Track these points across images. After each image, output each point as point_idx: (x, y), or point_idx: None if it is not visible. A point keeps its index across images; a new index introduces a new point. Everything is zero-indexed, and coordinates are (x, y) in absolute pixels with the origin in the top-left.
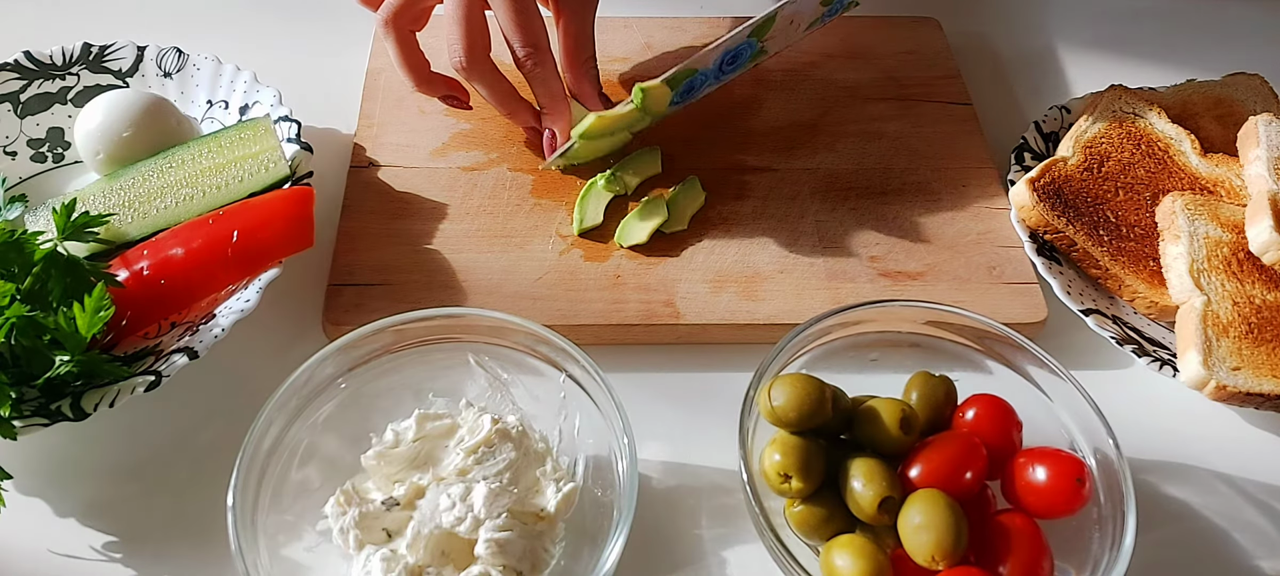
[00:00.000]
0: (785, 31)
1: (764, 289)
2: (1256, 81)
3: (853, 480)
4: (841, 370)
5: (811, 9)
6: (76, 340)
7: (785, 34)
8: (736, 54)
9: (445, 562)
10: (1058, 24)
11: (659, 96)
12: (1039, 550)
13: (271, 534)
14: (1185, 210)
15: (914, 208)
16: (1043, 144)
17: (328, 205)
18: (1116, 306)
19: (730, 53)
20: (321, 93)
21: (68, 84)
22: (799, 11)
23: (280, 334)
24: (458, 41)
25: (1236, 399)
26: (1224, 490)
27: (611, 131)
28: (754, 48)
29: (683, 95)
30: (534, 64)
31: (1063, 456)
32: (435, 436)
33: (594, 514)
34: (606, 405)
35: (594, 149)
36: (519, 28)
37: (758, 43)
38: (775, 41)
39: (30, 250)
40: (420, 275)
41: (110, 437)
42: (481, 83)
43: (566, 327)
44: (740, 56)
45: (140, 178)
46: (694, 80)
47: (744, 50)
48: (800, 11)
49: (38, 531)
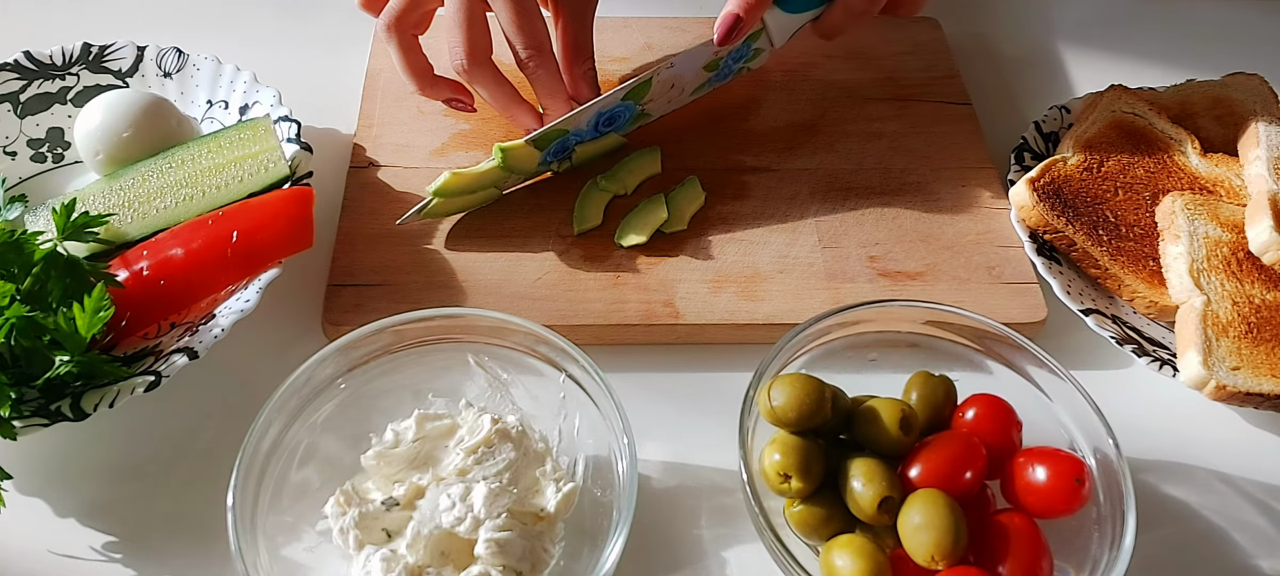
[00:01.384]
0: (666, 94)
1: (764, 289)
2: (1256, 81)
3: (852, 480)
4: (841, 370)
5: (693, 74)
6: (76, 340)
7: (668, 98)
8: (613, 115)
9: (445, 562)
10: (1058, 24)
11: (523, 156)
12: (1039, 550)
13: (271, 534)
14: (1185, 210)
15: (914, 208)
16: (1043, 144)
17: (328, 205)
18: (1116, 306)
19: (605, 114)
20: (321, 93)
21: (68, 84)
22: (679, 76)
23: (280, 334)
24: (459, 43)
25: (1236, 399)
26: (1224, 490)
27: (471, 189)
28: (633, 110)
29: (554, 154)
30: (536, 65)
31: (1062, 456)
32: (435, 436)
33: (594, 514)
34: (606, 405)
35: (455, 205)
36: (521, 29)
37: (636, 106)
38: (656, 105)
39: (30, 250)
40: (420, 275)
41: (110, 437)
42: (483, 84)
43: (566, 327)
44: (619, 118)
45: (140, 178)
46: (566, 139)
47: (622, 112)
48: (681, 76)
49: (38, 531)
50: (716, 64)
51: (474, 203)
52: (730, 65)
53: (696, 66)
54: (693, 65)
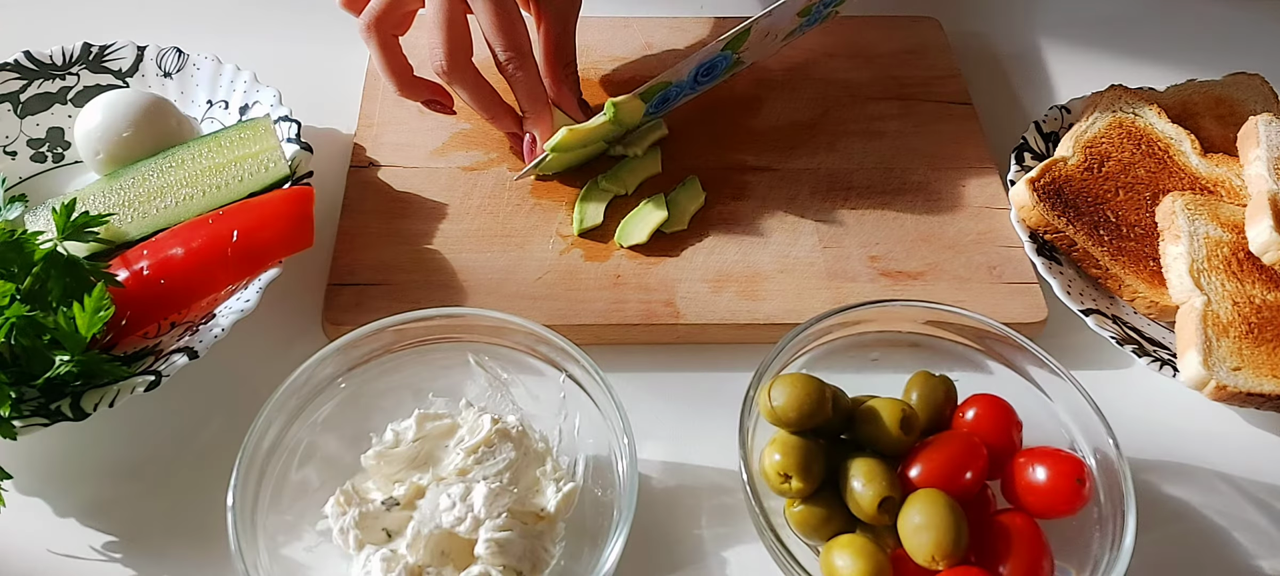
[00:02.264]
0: (761, 43)
1: (764, 288)
2: (1256, 81)
3: (853, 480)
4: (841, 370)
5: (788, 21)
6: (76, 340)
7: (761, 45)
8: (711, 65)
9: (445, 562)
10: (1058, 24)
11: (632, 109)
12: (1039, 550)
13: (271, 534)
14: (1185, 210)
15: (914, 207)
16: (1043, 144)
17: (328, 205)
18: (1116, 306)
19: (704, 64)
20: (321, 93)
21: (68, 84)
22: (775, 24)
23: (280, 334)
24: (439, 45)
25: (1236, 399)
26: (1224, 490)
27: (584, 143)
28: (729, 60)
29: (657, 107)
30: (515, 68)
31: (1063, 456)
32: (435, 436)
33: (594, 514)
34: (606, 405)
35: (567, 160)
36: (501, 31)
37: (733, 54)
38: (751, 52)
39: (30, 250)
40: (420, 275)
41: (110, 437)
42: (463, 87)
43: (566, 327)
44: (716, 68)
45: (140, 178)
46: (668, 92)
47: (719, 62)
48: (776, 23)
49: (38, 531)
50: (810, 9)
51: (585, 155)
52: (820, 9)
53: (791, 12)
54: (789, 11)
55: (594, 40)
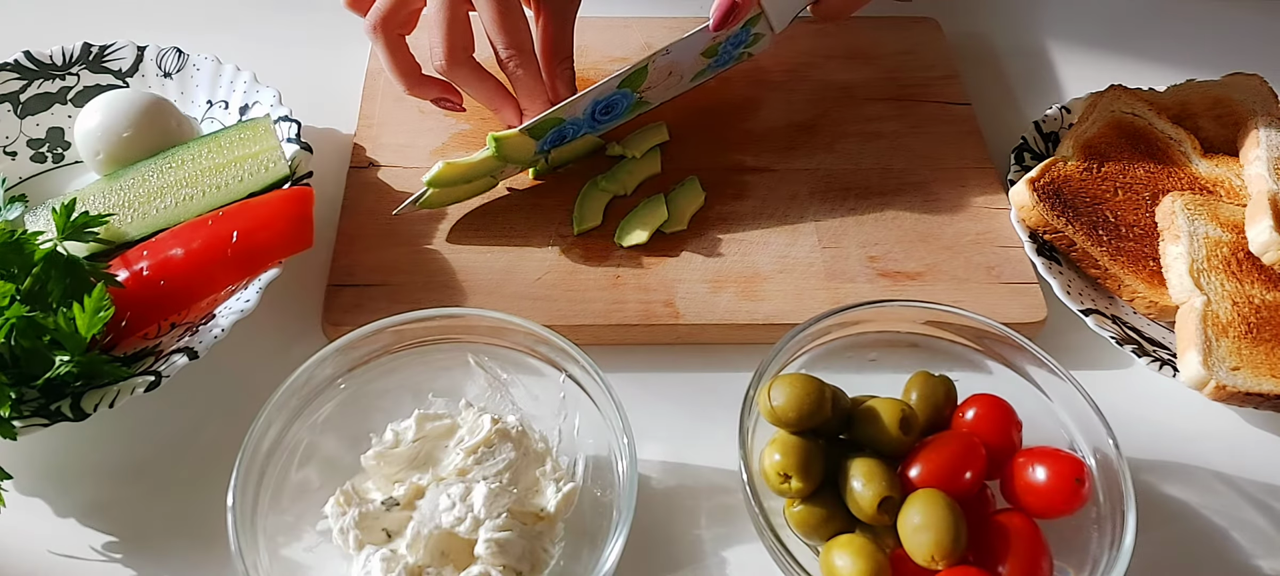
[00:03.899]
0: (664, 83)
1: (763, 289)
2: (1256, 81)
3: (852, 480)
4: (841, 370)
5: (691, 60)
6: (76, 340)
7: (666, 85)
8: (609, 104)
9: (445, 562)
10: (1058, 24)
11: (518, 145)
12: (1038, 550)
13: (271, 534)
14: (1185, 210)
15: (913, 207)
16: (1043, 144)
17: (328, 205)
18: (1116, 306)
19: (601, 102)
20: (321, 93)
21: (68, 84)
22: (676, 62)
23: (280, 334)
24: (439, 43)
25: (1236, 399)
26: (1224, 490)
27: (467, 177)
28: (631, 99)
29: (552, 143)
30: (516, 64)
31: (1062, 456)
32: (435, 436)
33: (594, 514)
34: (606, 405)
35: (451, 195)
36: (502, 28)
37: (634, 93)
38: (655, 92)
39: (30, 250)
40: (420, 275)
41: (110, 437)
42: (465, 83)
43: (566, 327)
44: (615, 107)
45: (140, 178)
46: (563, 129)
47: (619, 100)
48: (678, 62)
49: (38, 531)
50: (715, 49)
51: (470, 192)
52: (730, 50)
53: (694, 53)
54: (690, 51)
55: (594, 40)
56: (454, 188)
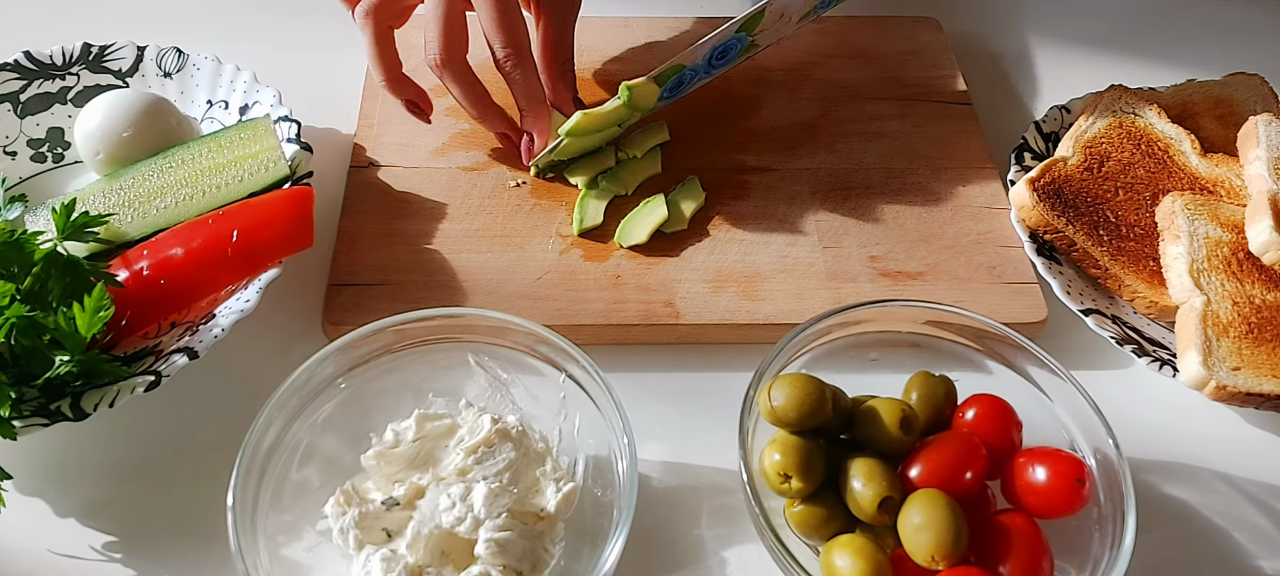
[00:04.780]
0: (775, 25)
1: (764, 289)
2: (1256, 81)
3: (853, 480)
4: (841, 370)
5: (801, 1)
6: (76, 340)
7: (775, 28)
8: (726, 49)
9: (445, 562)
10: (1058, 24)
11: (646, 93)
12: (1039, 550)
13: (271, 534)
14: (1185, 210)
15: (914, 207)
16: (1043, 144)
17: (328, 205)
18: (1116, 306)
19: (719, 48)
20: (321, 93)
21: (68, 84)
22: (788, 5)
23: (280, 334)
24: (435, 38)
25: (1236, 399)
26: (1224, 490)
27: (599, 128)
28: (744, 42)
29: (671, 91)
30: (514, 66)
31: (1063, 456)
32: (435, 436)
33: (594, 514)
34: (606, 405)
35: (581, 145)
36: (501, 28)
37: (748, 37)
38: (765, 35)
39: (30, 250)
40: (420, 275)
41: (110, 437)
42: (456, 83)
43: (566, 327)
44: (730, 51)
45: (140, 178)
46: (682, 75)
47: (734, 45)
48: (790, 5)
49: (38, 531)
50: None
51: (598, 141)
52: None
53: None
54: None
55: (594, 40)
56: (584, 137)
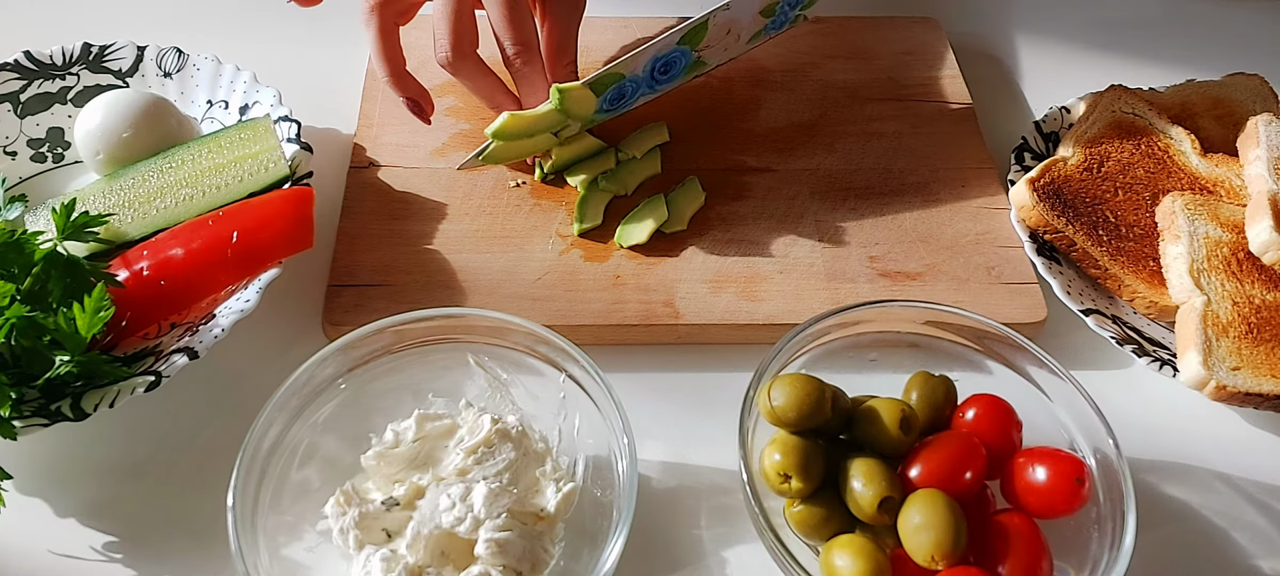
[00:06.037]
0: (723, 42)
1: (764, 289)
2: (1256, 81)
3: (853, 480)
4: (841, 370)
5: (749, 19)
6: (76, 340)
7: (724, 45)
8: (668, 62)
9: (445, 562)
10: (1058, 24)
11: (580, 98)
12: (1038, 550)
13: (271, 534)
14: (1185, 210)
15: (913, 208)
16: (1043, 144)
17: (328, 205)
18: (1116, 306)
19: (661, 60)
20: (321, 93)
21: (68, 84)
22: (735, 20)
23: (280, 334)
24: (445, 36)
25: (1236, 399)
26: (1224, 490)
27: (529, 132)
28: (689, 57)
29: (612, 102)
30: (523, 62)
31: (1062, 456)
32: (435, 436)
33: (594, 514)
34: (606, 405)
35: (514, 150)
36: (511, 26)
37: (692, 51)
38: (713, 52)
39: (30, 250)
40: (420, 275)
41: (110, 437)
42: (468, 77)
43: (566, 328)
44: (673, 66)
45: (140, 178)
46: (623, 86)
47: (678, 58)
48: (736, 20)
49: (38, 531)
50: (773, 8)
51: (532, 148)
52: (787, 11)
53: (753, 10)
54: (749, 9)
55: (594, 40)
56: (516, 142)
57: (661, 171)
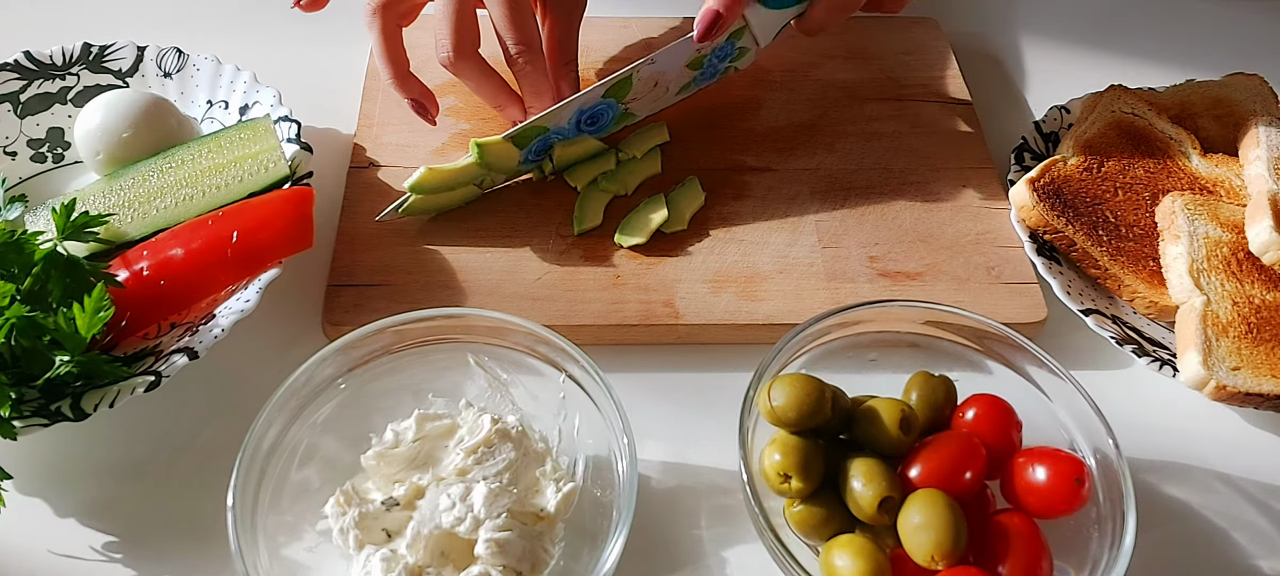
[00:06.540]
0: (650, 93)
1: (763, 289)
2: (1256, 81)
3: (853, 480)
4: (841, 370)
5: (676, 72)
6: (76, 340)
7: (653, 96)
8: (594, 114)
9: (445, 562)
10: (1058, 24)
11: (500, 153)
12: (1038, 550)
13: (271, 534)
14: (1185, 210)
15: (913, 207)
16: (1043, 144)
17: (328, 205)
18: (1116, 306)
19: (587, 111)
20: (321, 93)
21: (68, 84)
22: (661, 72)
23: (280, 334)
24: (447, 35)
25: (1236, 399)
26: (1224, 490)
27: (449, 186)
28: (616, 110)
29: (536, 153)
30: (525, 61)
31: (1062, 456)
32: (435, 436)
33: (594, 514)
34: (606, 405)
35: (434, 203)
36: (513, 25)
37: (618, 104)
38: (641, 104)
39: (30, 250)
40: (420, 275)
41: (110, 437)
42: (470, 77)
43: (566, 327)
44: (600, 118)
45: (140, 178)
46: (546, 138)
47: (605, 111)
48: (663, 73)
49: (38, 531)
50: (701, 61)
51: (454, 200)
52: (716, 64)
53: (679, 64)
54: (675, 62)
55: (594, 40)
56: (437, 194)
57: (661, 171)
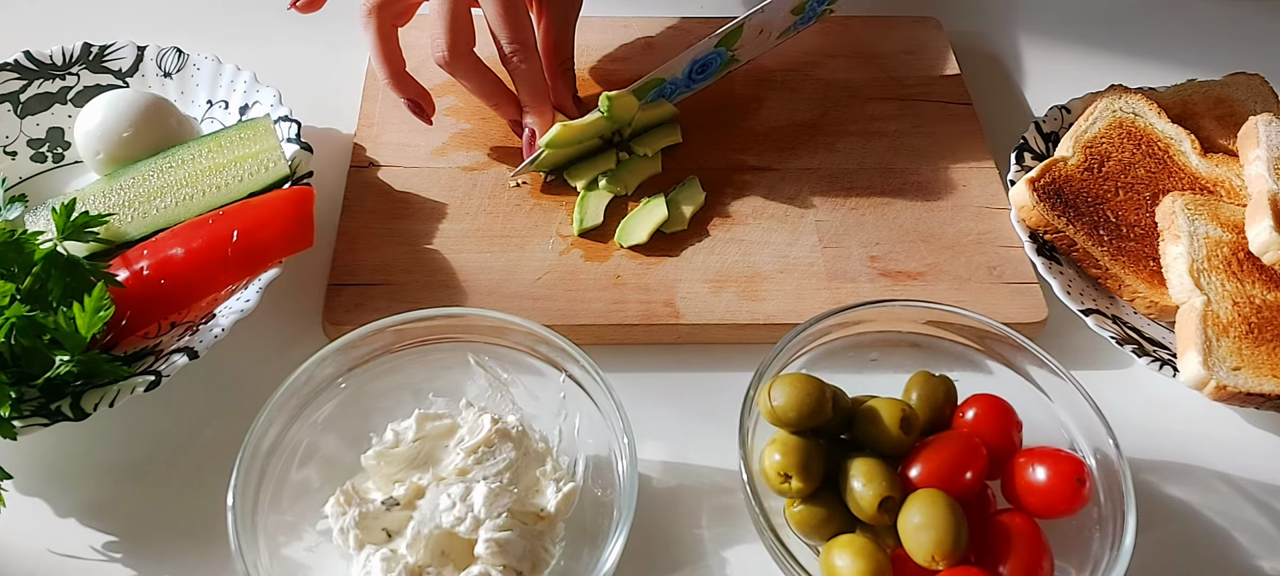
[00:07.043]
0: (755, 40)
1: (764, 289)
2: (1256, 81)
3: (853, 480)
4: (841, 370)
5: (781, 18)
6: (76, 340)
7: (755, 42)
8: (705, 62)
9: (445, 562)
10: (1058, 24)
11: (626, 105)
12: (1039, 550)
13: (271, 534)
14: (1185, 210)
15: (914, 207)
16: (1043, 144)
17: (328, 205)
18: (1116, 306)
19: (699, 61)
20: (321, 93)
21: (68, 84)
22: (768, 20)
23: (280, 334)
24: (442, 35)
25: (1236, 399)
26: (1224, 490)
27: (579, 139)
28: (723, 57)
29: (654, 101)
30: (520, 61)
31: (1063, 456)
32: (435, 436)
33: (594, 514)
34: (606, 405)
35: (562, 155)
36: (508, 25)
37: (727, 52)
38: (745, 50)
39: (30, 250)
40: (420, 275)
41: (110, 437)
42: (465, 76)
43: (566, 327)
44: (710, 66)
45: (140, 178)
46: (662, 89)
47: (714, 59)
48: (769, 20)
49: (38, 531)
50: (802, 6)
51: (578, 151)
52: (815, 7)
53: (784, 10)
54: (781, 8)
55: (594, 40)
56: (565, 148)
57: (662, 171)
